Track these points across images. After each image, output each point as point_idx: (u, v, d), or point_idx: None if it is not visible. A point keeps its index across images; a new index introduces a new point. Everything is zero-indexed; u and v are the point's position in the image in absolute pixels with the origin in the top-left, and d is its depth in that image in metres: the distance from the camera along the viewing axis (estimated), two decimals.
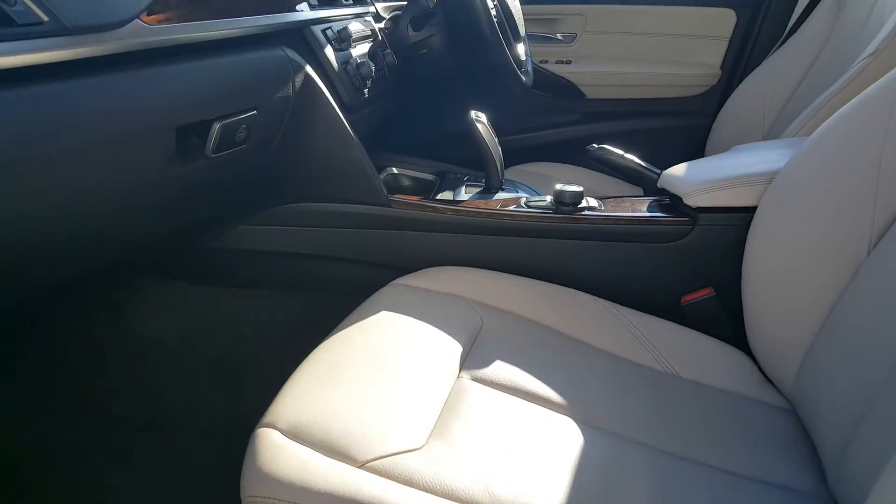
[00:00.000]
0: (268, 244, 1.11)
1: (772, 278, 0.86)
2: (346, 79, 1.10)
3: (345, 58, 1.12)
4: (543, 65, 1.90)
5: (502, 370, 0.81)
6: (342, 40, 1.12)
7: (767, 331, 0.87)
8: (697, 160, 1.12)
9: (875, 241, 0.75)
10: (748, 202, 0.94)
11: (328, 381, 0.73)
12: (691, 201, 0.99)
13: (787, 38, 1.62)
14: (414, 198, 1.10)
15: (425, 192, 1.28)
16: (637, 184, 1.30)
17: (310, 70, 1.00)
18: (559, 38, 1.91)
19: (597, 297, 1.00)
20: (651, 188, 1.16)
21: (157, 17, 0.75)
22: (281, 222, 1.09)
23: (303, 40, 1.04)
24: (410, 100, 1.53)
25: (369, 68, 1.17)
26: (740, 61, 1.80)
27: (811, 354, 0.79)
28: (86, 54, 0.66)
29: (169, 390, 1.21)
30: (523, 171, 1.57)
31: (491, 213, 1.06)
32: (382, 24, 1.43)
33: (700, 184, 0.99)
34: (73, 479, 1.14)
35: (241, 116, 0.86)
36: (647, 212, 1.05)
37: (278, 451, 0.64)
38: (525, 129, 1.90)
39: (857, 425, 0.64)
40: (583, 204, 1.05)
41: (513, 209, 1.06)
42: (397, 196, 1.09)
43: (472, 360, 0.83)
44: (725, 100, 1.72)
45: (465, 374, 0.81)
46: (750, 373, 0.90)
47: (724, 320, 0.99)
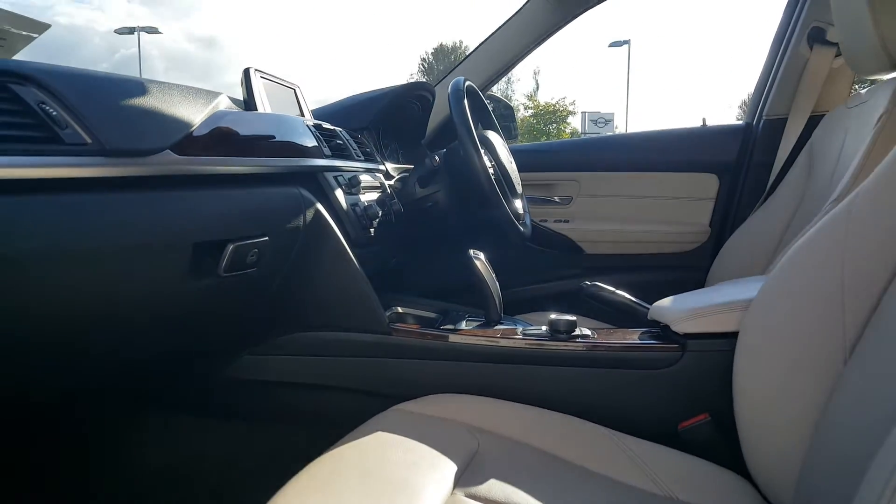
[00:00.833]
0: (270, 374, 1.14)
1: (760, 400, 0.88)
2: (353, 217, 1.19)
3: (354, 200, 1.23)
4: (543, 223, 2.02)
5: (498, 488, 0.81)
6: (352, 186, 1.24)
7: (762, 452, 0.87)
8: (684, 293, 1.17)
9: (849, 353, 0.78)
10: (731, 327, 0.98)
11: (320, 495, 0.74)
12: (679, 328, 1.03)
13: (767, 196, 1.74)
14: (414, 326, 1.15)
15: (428, 326, 1.32)
16: (629, 318, 1.34)
17: (320, 206, 1.10)
18: (556, 200, 2.06)
19: (595, 424, 1.00)
20: (642, 322, 1.20)
21: (186, 150, 0.86)
22: (284, 352, 1.13)
23: (315, 183, 1.15)
24: (416, 247, 1.63)
25: (376, 211, 1.27)
26: (727, 219, 1.91)
27: (805, 473, 0.79)
28: (120, 174, 0.76)
29: None
30: (523, 318, 1.61)
31: (489, 340, 1.10)
32: (391, 182, 1.57)
33: (685, 311, 1.04)
34: None
35: (253, 241, 0.94)
36: (639, 339, 1.09)
37: None
38: (527, 282, 1.98)
39: None
40: (576, 332, 1.10)
41: (510, 337, 1.10)
42: (398, 324, 1.14)
43: (466, 478, 0.83)
44: (716, 254, 1.81)
45: (459, 491, 0.80)
46: (750, 496, 0.89)
47: (721, 445, 0.98)
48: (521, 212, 1.58)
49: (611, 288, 1.29)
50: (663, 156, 2.01)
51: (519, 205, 1.59)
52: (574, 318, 1.10)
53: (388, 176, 1.58)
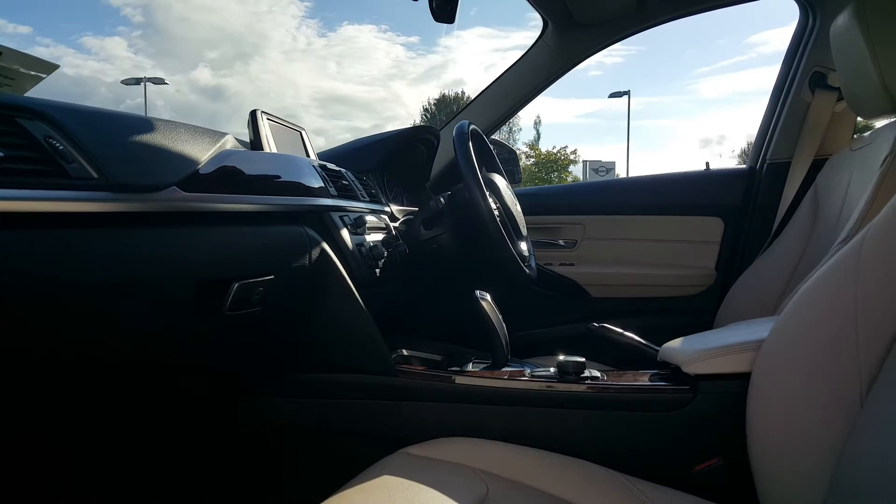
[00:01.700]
0: (271, 417, 1.11)
1: (774, 443, 0.86)
2: (358, 257, 1.19)
3: (359, 240, 1.22)
4: (548, 266, 2.01)
5: None
6: (357, 226, 1.23)
7: (778, 497, 0.84)
8: (694, 335, 1.15)
9: (865, 392, 0.76)
10: (743, 368, 0.96)
11: None
12: (689, 369, 1.01)
13: (773, 238, 1.73)
14: (420, 367, 1.13)
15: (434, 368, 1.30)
16: (638, 360, 1.32)
17: (326, 246, 1.09)
18: (561, 243, 2.05)
19: (606, 468, 0.98)
20: (652, 364, 1.18)
21: (192, 187, 0.86)
22: (287, 394, 1.11)
23: (321, 222, 1.15)
24: (421, 289, 1.61)
25: (381, 252, 1.26)
26: (733, 262, 1.90)
27: None
28: (125, 209, 0.75)
29: None
30: (530, 362, 1.59)
31: (496, 381, 1.08)
32: (396, 224, 1.56)
33: (696, 353, 1.02)
34: None
35: (258, 279, 0.93)
36: (649, 381, 1.07)
37: None
38: (532, 325, 1.95)
39: None
40: (585, 374, 1.07)
41: (518, 378, 1.08)
42: (404, 366, 1.12)
43: None
44: (723, 298, 1.79)
45: None
46: None
47: (736, 489, 0.95)
48: (526, 254, 1.57)
49: (619, 329, 1.27)
50: (668, 199, 2.01)
51: (524, 247, 1.58)
52: (583, 359, 1.08)
53: (392, 218, 1.58)
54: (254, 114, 1.29)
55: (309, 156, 1.47)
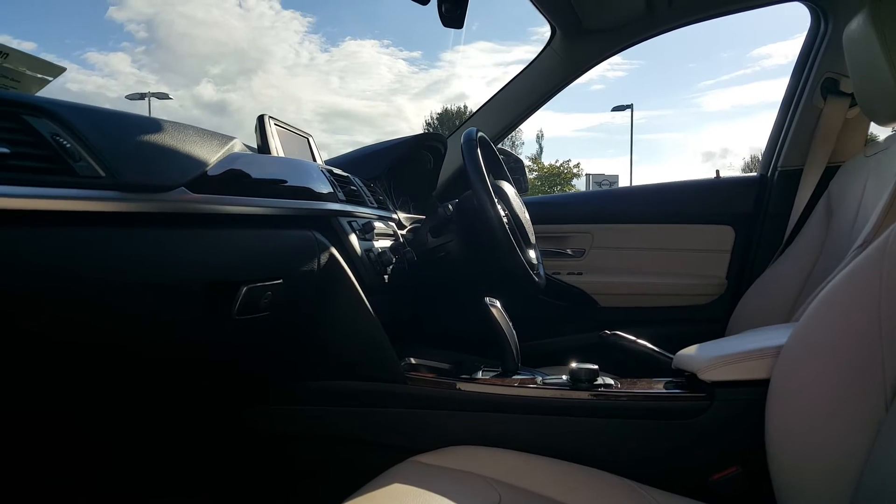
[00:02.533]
0: (279, 425, 1.09)
1: (795, 451, 0.84)
2: (367, 263, 1.17)
3: (367, 246, 1.21)
4: (556, 275, 1.99)
5: None
6: (366, 231, 1.22)
7: None
8: (710, 342, 1.13)
9: (890, 398, 0.74)
10: (761, 375, 0.94)
11: None
12: (706, 376, 0.99)
13: (785, 246, 1.71)
14: (429, 375, 1.11)
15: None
16: (651, 368, 1.29)
17: (334, 251, 1.07)
18: (569, 252, 2.03)
19: (621, 477, 0.95)
20: (665, 372, 1.16)
21: (201, 188, 0.84)
22: (295, 401, 1.09)
23: (329, 227, 1.13)
24: (429, 297, 1.59)
25: (390, 258, 1.25)
26: (744, 271, 1.88)
27: None
28: (133, 209, 0.74)
29: None
30: (541, 371, 1.57)
31: (507, 389, 1.06)
32: (404, 232, 1.55)
33: (712, 359, 1.00)
34: None
35: (266, 283, 0.91)
36: (664, 389, 1.05)
37: None
38: (541, 335, 1.93)
39: None
40: (598, 381, 1.05)
41: (529, 386, 1.06)
42: (413, 373, 1.10)
43: None
44: (734, 307, 1.77)
45: None
46: None
47: (754, 499, 0.93)
48: (535, 262, 1.56)
49: (631, 337, 1.25)
50: (677, 207, 1.99)
51: (533, 254, 1.56)
52: (596, 366, 1.06)
53: (400, 225, 1.57)
54: (262, 119, 1.28)
55: (316, 162, 1.46)
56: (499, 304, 1.21)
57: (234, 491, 1.15)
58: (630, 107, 25.41)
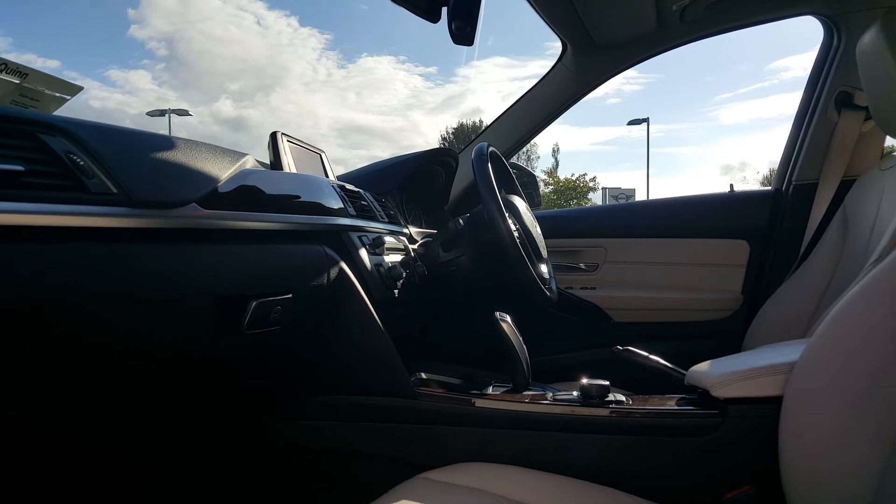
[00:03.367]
0: (286, 439, 1.09)
1: (810, 468, 0.82)
2: (377, 277, 1.17)
3: (377, 260, 1.21)
4: (569, 290, 1.98)
5: None
6: (376, 246, 1.22)
7: None
8: (723, 357, 1.12)
9: None
10: (774, 392, 0.93)
11: None
12: (718, 393, 0.98)
13: (801, 261, 1.70)
14: (439, 390, 1.10)
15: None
16: (664, 385, 1.28)
17: (344, 265, 1.08)
18: (582, 266, 2.02)
19: (632, 496, 0.94)
20: (679, 389, 1.15)
21: (212, 204, 0.85)
22: (303, 416, 1.09)
23: (339, 242, 1.14)
24: (440, 311, 1.59)
25: (400, 272, 1.25)
26: (760, 285, 1.86)
27: None
28: (145, 224, 0.75)
29: None
30: (552, 386, 1.56)
31: (517, 405, 1.05)
32: (415, 246, 1.55)
33: (725, 376, 0.99)
34: None
35: (276, 297, 0.92)
36: (676, 405, 1.03)
37: None
38: (553, 350, 1.92)
39: None
40: (610, 397, 1.04)
41: (539, 402, 1.06)
42: (422, 388, 1.09)
43: None
44: (750, 322, 1.75)
45: None
46: None
47: None
48: (546, 276, 1.55)
49: (644, 353, 1.24)
50: (691, 222, 1.98)
51: (544, 269, 1.56)
52: (607, 382, 1.05)
53: (411, 240, 1.57)
54: (274, 135, 1.30)
55: (328, 177, 1.47)
56: (509, 318, 1.20)
57: None
58: (646, 120, 25.35)
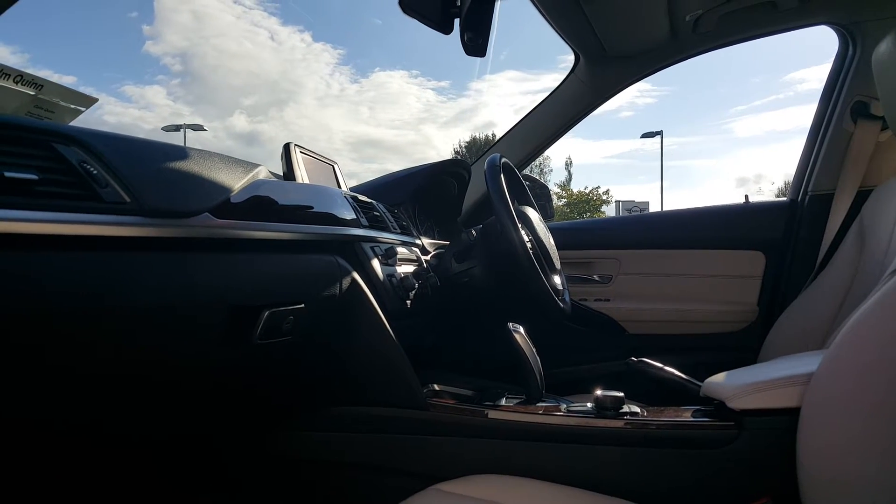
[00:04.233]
0: (297, 451, 1.09)
1: (828, 481, 0.81)
2: (389, 288, 1.17)
3: (390, 271, 1.21)
4: (583, 302, 1.97)
5: None
6: (388, 256, 1.22)
7: None
8: (739, 369, 1.10)
9: None
10: (791, 403, 0.91)
11: None
12: (734, 404, 0.97)
13: (818, 272, 1.67)
14: (452, 402, 1.10)
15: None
16: (679, 396, 1.26)
17: (356, 276, 1.08)
18: (596, 278, 2.01)
19: None
20: (694, 401, 1.13)
21: (225, 214, 0.85)
22: (314, 427, 1.09)
23: (352, 252, 1.14)
24: (452, 322, 1.59)
25: (412, 283, 1.25)
26: (776, 297, 1.84)
27: None
28: (158, 234, 0.75)
29: None
30: (566, 398, 1.54)
31: (531, 417, 1.04)
32: (428, 257, 1.55)
33: (741, 387, 0.98)
34: None
35: (289, 307, 0.92)
36: (692, 417, 1.02)
37: None
38: (567, 363, 1.91)
39: None
40: (624, 409, 1.03)
41: (553, 414, 1.05)
42: (435, 400, 1.09)
43: None
44: (766, 334, 1.73)
45: None
46: None
47: None
48: (560, 288, 1.54)
49: (659, 364, 1.22)
50: (706, 233, 1.96)
51: (557, 280, 1.55)
52: (621, 394, 1.04)
53: (424, 251, 1.57)
54: (287, 147, 1.30)
55: (341, 188, 1.47)
56: (522, 330, 1.19)
57: None
58: (660, 133, 25.29)
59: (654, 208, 24.82)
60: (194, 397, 0.92)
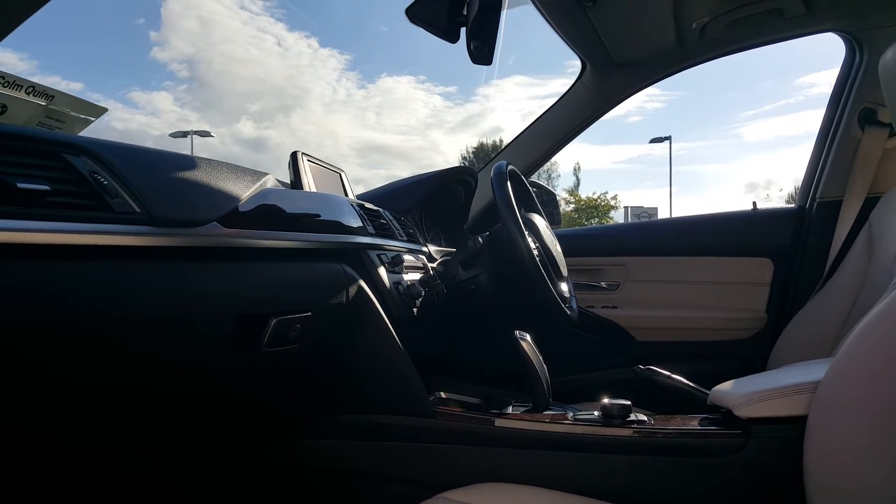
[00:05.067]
0: (303, 458, 1.09)
1: (836, 490, 0.80)
2: (395, 295, 1.17)
3: (396, 279, 1.22)
4: (590, 309, 1.97)
5: None
6: (395, 264, 1.23)
7: None
8: (747, 377, 1.10)
9: None
10: (799, 411, 0.91)
11: None
12: (741, 412, 0.96)
13: (826, 279, 1.67)
14: (458, 409, 1.10)
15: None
16: (687, 404, 1.26)
17: (363, 284, 1.08)
18: (603, 285, 2.01)
19: None
20: (701, 408, 1.13)
21: (232, 223, 0.86)
22: (319, 435, 1.09)
23: (359, 260, 1.14)
24: (459, 330, 1.59)
25: (419, 290, 1.25)
26: (784, 304, 1.83)
27: None
28: (166, 243, 0.76)
29: None
30: (572, 406, 1.54)
31: (538, 425, 1.04)
32: (434, 264, 1.55)
33: (748, 395, 0.97)
34: None
35: (296, 316, 0.93)
36: (699, 425, 1.02)
37: None
38: (574, 370, 1.90)
39: None
40: (631, 417, 1.03)
41: (560, 422, 1.05)
42: (442, 408, 1.09)
43: None
44: (775, 341, 1.72)
45: None
46: None
47: None
48: (567, 295, 1.54)
49: (666, 372, 1.22)
50: (714, 239, 1.96)
51: (565, 287, 1.55)
52: (628, 402, 1.04)
53: (430, 258, 1.57)
54: (294, 155, 1.31)
55: (348, 196, 1.48)
56: (529, 337, 1.20)
57: None
58: (668, 139, 25.23)
59: (662, 214, 24.79)
60: (202, 405, 0.92)
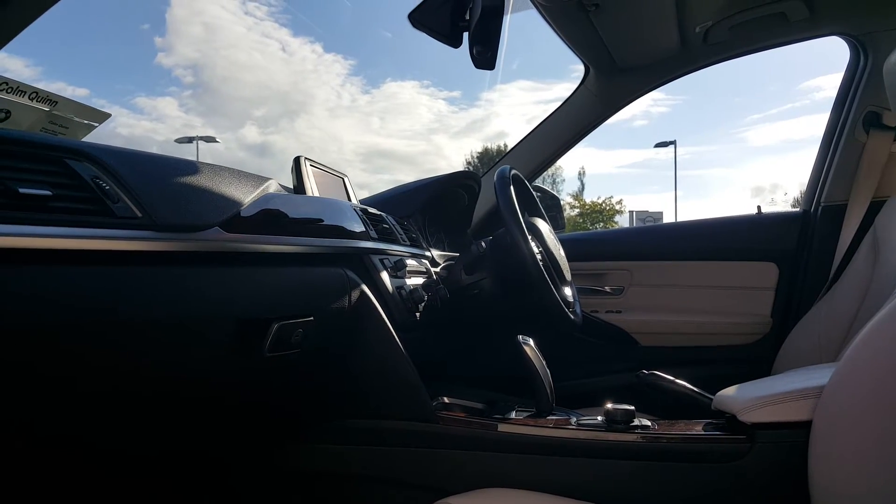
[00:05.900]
0: (305, 464, 1.09)
1: (840, 497, 0.80)
2: (398, 300, 1.17)
3: (399, 283, 1.22)
4: (594, 314, 1.96)
5: None
6: (398, 269, 1.23)
7: None
8: (751, 382, 1.10)
9: None
10: (803, 416, 0.91)
11: None
12: (746, 418, 0.96)
13: (832, 283, 1.66)
14: (461, 414, 1.10)
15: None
16: (691, 410, 1.25)
17: (365, 288, 1.08)
18: (607, 290, 2.00)
19: None
20: (706, 414, 1.13)
21: (235, 228, 0.86)
22: (322, 440, 1.09)
23: (361, 265, 1.14)
24: (462, 335, 1.59)
25: (421, 295, 1.25)
26: (790, 308, 1.82)
27: None
28: (168, 248, 0.76)
29: None
30: (576, 411, 1.54)
31: (541, 430, 1.04)
32: (437, 269, 1.55)
33: (752, 400, 0.97)
34: None
35: (298, 320, 0.93)
36: (703, 431, 1.01)
37: None
38: (578, 375, 1.90)
39: None
40: (635, 422, 1.03)
41: (563, 427, 1.04)
42: (444, 412, 1.09)
43: None
44: (780, 346, 1.71)
45: None
46: None
47: None
48: (570, 299, 1.54)
49: (670, 377, 1.22)
50: (718, 244, 1.95)
51: (568, 292, 1.54)
52: (632, 407, 1.04)
53: (433, 263, 1.57)
54: (297, 160, 1.31)
55: (351, 201, 1.48)
56: (532, 342, 1.19)
57: None
58: (673, 143, 25.19)
59: (668, 218, 24.72)
60: (204, 410, 0.92)
